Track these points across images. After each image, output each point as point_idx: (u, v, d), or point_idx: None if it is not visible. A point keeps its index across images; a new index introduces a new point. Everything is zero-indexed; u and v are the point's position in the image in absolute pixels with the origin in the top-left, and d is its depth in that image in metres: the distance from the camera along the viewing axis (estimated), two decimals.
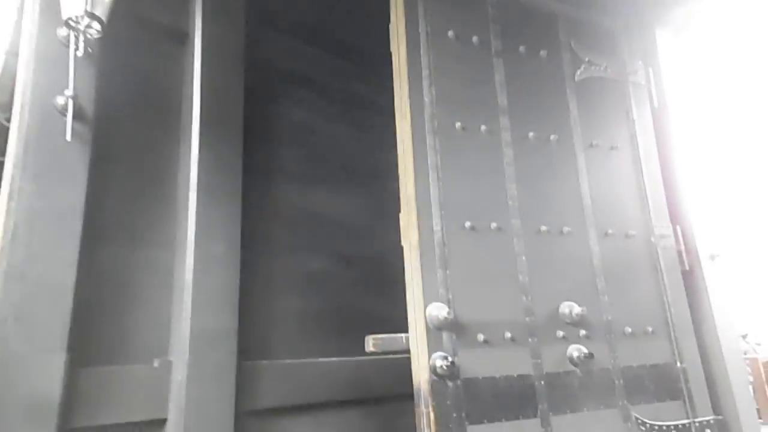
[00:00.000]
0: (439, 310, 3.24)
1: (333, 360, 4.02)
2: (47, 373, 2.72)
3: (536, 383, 3.46)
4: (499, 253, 3.64)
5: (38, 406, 2.65)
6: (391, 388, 3.46)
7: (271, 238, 4.06)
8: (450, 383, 3.20)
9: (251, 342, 3.71)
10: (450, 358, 3.17)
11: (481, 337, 3.37)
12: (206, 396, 3.23)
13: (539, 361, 3.53)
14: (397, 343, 3.34)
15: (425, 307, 3.31)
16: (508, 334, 3.45)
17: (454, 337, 3.30)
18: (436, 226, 3.47)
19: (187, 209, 3.46)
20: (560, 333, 3.64)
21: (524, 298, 3.64)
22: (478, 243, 3.58)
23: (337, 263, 4.39)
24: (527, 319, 3.59)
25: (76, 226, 2.97)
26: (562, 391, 3.50)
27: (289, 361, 3.84)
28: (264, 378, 3.64)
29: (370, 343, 3.33)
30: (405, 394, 3.25)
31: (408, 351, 3.29)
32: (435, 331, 3.27)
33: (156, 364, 3.24)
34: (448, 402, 3.15)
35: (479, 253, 3.57)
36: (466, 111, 3.68)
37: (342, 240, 4.48)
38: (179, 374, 3.22)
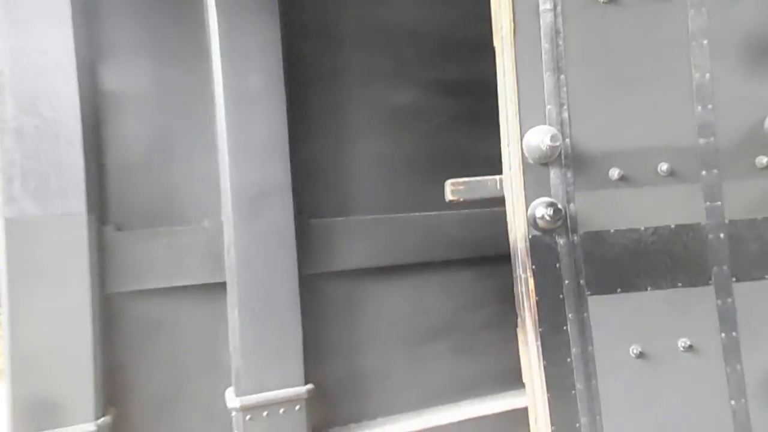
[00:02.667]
0: (542, 137, 2.16)
1: (418, 215, 3.22)
2: (70, 237, 2.43)
3: (711, 236, 2.25)
4: (656, 34, 2.28)
5: (65, 274, 2.40)
6: (497, 246, 2.52)
7: (334, 64, 3.19)
8: (561, 239, 2.20)
9: (318, 197, 3.07)
10: (558, 205, 2.13)
11: (615, 172, 2.22)
12: (260, 259, 2.75)
13: (719, 203, 2.27)
14: (486, 188, 2.40)
15: (522, 133, 2.23)
16: (664, 166, 2.24)
17: (569, 174, 2.22)
18: (545, 2, 2.23)
19: (209, 33, 2.75)
20: (763, 160, 2.28)
21: (699, 108, 2.30)
22: (617, 21, 2.26)
23: (430, 93, 3.38)
24: (703, 141, 2.28)
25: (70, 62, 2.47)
26: (754, 247, 2.24)
27: (368, 217, 3.15)
28: (336, 237, 3.03)
29: (449, 189, 2.43)
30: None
31: (503, 199, 2.33)
32: (537, 167, 2.22)
33: (206, 224, 2.81)
34: (557, 265, 2.18)
35: (620, 38, 2.27)
36: None
37: (436, 61, 3.41)
38: (229, 236, 2.76)
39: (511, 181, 2.31)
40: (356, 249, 3.15)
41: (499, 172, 2.41)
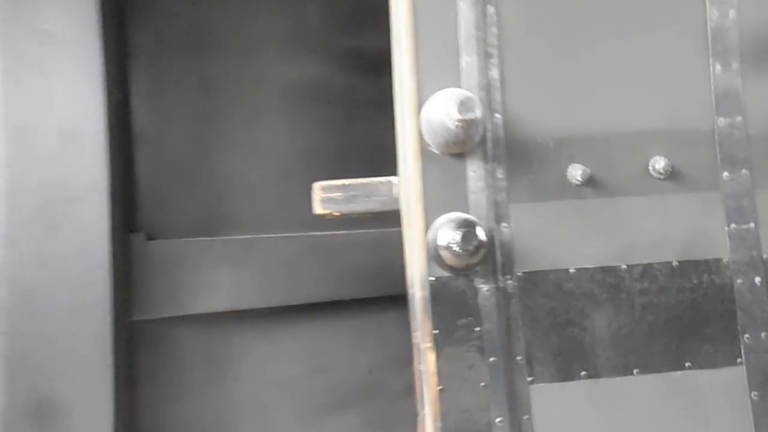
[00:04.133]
0: (447, 107, 1.23)
1: (320, 235, 2.31)
2: None
3: (739, 281, 1.35)
4: None
5: None
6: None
7: (201, 22, 2.28)
8: (483, 286, 1.28)
9: (165, 209, 2.20)
10: (478, 227, 1.21)
11: (579, 172, 1.33)
12: (47, 298, 1.80)
13: (751, 226, 1.36)
14: (377, 196, 1.49)
15: (419, 101, 1.32)
16: (659, 163, 1.37)
17: (498, 173, 1.30)
18: None
19: None
20: None
21: (719, 67, 1.40)
22: None
23: (341, 67, 2.47)
24: (724, 121, 1.39)
25: None
26: None
27: (242, 237, 2.25)
28: (190, 266, 2.17)
29: (317, 197, 1.52)
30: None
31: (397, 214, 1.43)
32: (445, 160, 1.30)
33: None
34: (478, 329, 1.27)
35: None
36: None
37: (348, 27, 2.50)
38: None
39: (407, 186, 1.38)
40: (223, 283, 2.22)
41: None
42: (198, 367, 2.26)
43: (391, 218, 1.67)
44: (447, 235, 1.23)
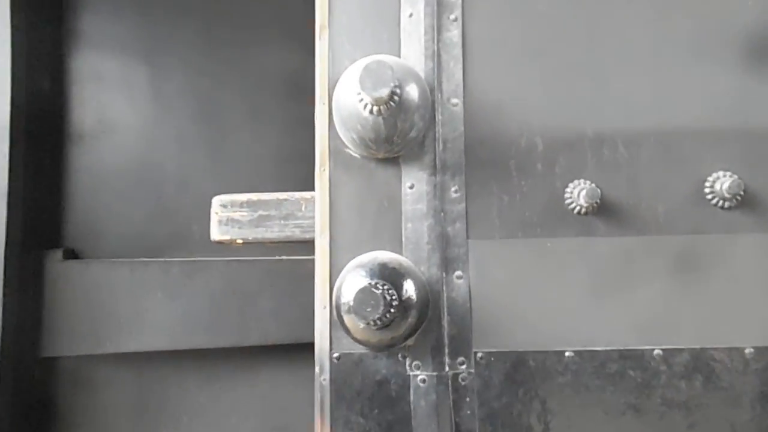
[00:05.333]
0: (363, 83, 0.74)
1: (245, 260, 1.88)
2: None
3: None
4: None
5: None
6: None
7: None
8: (419, 374, 0.77)
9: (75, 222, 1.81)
10: (408, 278, 0.72)
11: (577, 190, 0.78)
12: None
13: None
14: (287, 217, 1.03)
15: (331, 78, 0.84)
16: (715, 182, 0.77)
17: (454, 191, 0.80)
18: None
19: None
20: None
21: None
22: None
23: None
24: None
25: None
26: None
27: (168, 260, 1.85)
28: (95, 292, 1.75)
29: (215, 218, 1.12)
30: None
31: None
32: (367, 166, 0.81)
33: None
34: None
35: None
36: None
37: None
38: None
39: (319, 208, 0.92)
40: (160, 315, 1.83)
41: None
42: (126, 417, 1.86)
43: None
44: (350, 291, 0.75)
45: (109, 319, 1.80)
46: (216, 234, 1.11)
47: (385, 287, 0.71)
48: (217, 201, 1.11)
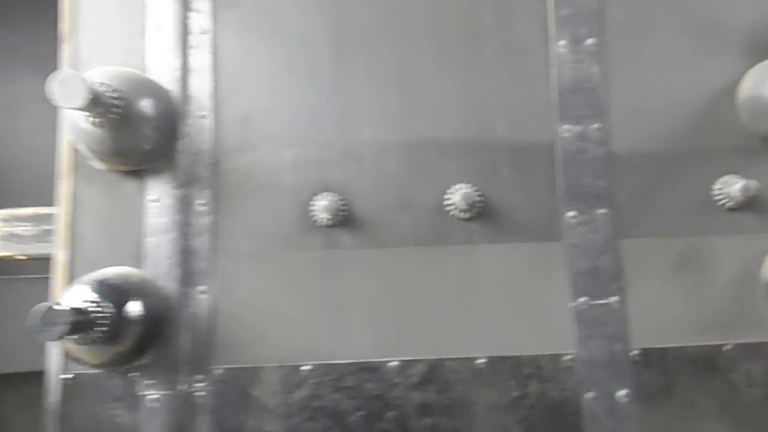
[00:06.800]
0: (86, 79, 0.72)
1: None
2: None
3: (589, 397, 0.80)
4: None
5: None
6: None
7: None
8: (152, 394, 0.74)
9: None
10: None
11: (325, 202, 0.78)
12: None
13: (616, 300, 0.82)
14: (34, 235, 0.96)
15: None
16: (456, 195, 0.80)
17: (200, 203, 0.78)
18: None
19: None
20: None
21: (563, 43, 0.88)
22: None
23: None
24: (568, 129, 0.85)
25: None
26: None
27: None
28: None
29: None
30: None
31: None
32: (108, 179, 0.79)
33: None
34: None
35: None
36: None
37: None
38: None
39: (60, 223, 0.88)
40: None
41: None
42: None
43: None
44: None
45: None
46: None
47: (97, 304, 0.68)
48: None
